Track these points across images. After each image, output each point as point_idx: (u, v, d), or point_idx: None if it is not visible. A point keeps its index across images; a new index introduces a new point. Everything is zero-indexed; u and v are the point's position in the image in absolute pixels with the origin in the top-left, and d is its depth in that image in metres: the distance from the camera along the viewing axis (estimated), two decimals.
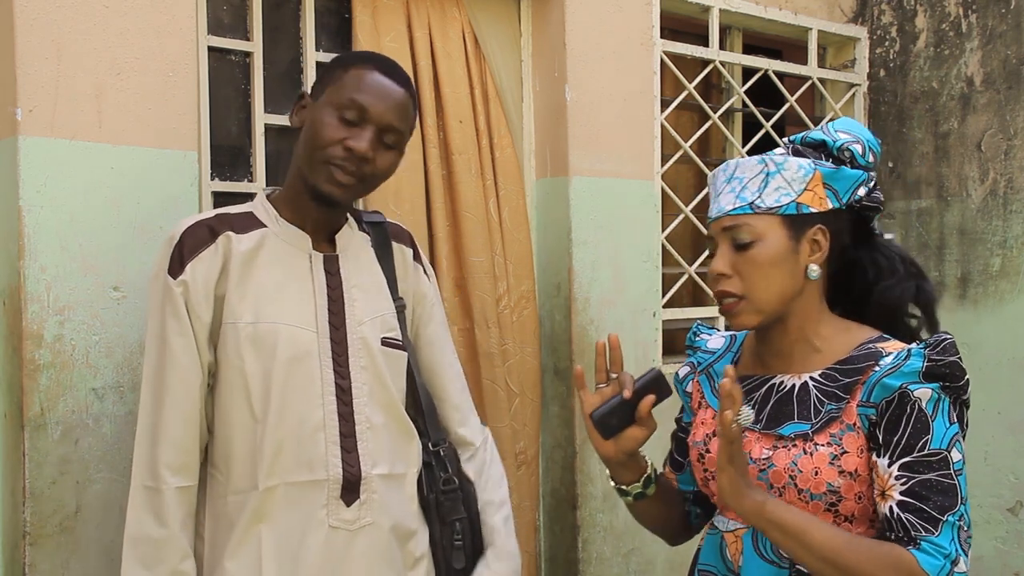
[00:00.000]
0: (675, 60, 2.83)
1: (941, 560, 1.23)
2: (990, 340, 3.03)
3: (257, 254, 1.57)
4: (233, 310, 1.54)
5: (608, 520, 2.61)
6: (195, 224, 1.56)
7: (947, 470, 1.27)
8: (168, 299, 1.52)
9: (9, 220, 1.76)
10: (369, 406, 1.61)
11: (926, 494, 1.26)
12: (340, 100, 1.54)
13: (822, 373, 1.38)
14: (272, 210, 1.62)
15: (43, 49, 1.75)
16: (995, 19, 3.03)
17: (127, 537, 1.52)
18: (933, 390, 1.28)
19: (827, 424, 1.34)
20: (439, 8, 2.43)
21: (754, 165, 1.41)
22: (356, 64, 1.59)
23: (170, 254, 1.54)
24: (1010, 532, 3.01)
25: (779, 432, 1.37)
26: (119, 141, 1.83)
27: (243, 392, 1.54)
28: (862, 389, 1.33)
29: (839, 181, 1.39)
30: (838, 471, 1.31)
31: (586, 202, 2.57)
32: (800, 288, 1.40)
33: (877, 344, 1.37)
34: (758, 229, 1.38)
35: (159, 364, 1.53)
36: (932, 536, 1.24)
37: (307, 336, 1.57)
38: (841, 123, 1.47)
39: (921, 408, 1.28)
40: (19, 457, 1.74)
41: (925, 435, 1.27)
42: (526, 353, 2.54)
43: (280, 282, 1.58)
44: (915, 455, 1.27)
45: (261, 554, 1.53)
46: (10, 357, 1.77)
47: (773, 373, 1.44)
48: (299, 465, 1.55)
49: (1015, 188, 2.98)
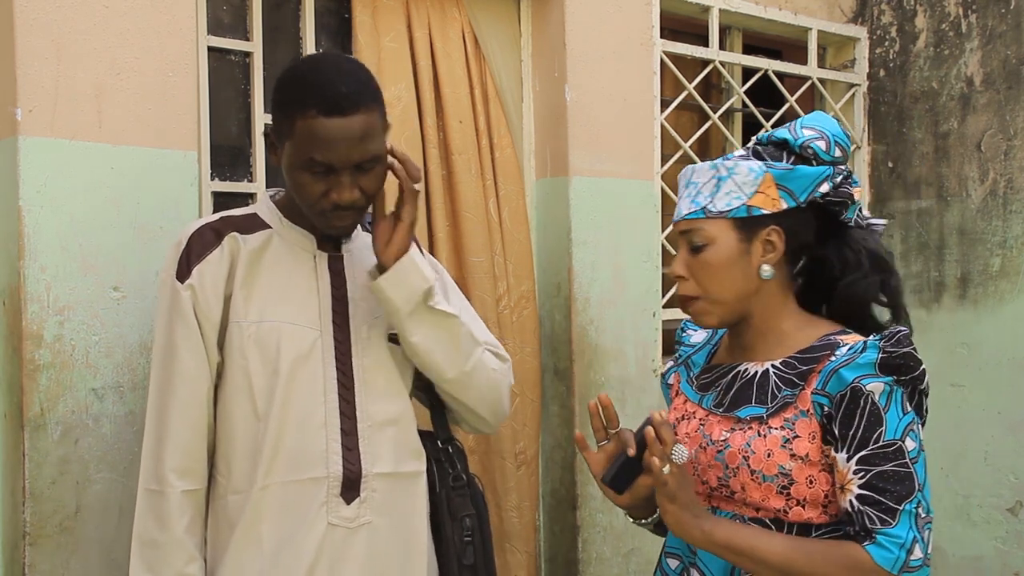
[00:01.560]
0: (675, 60, 2.83)
1: (895, 552, 1.27)
2: (990, 340, 3.03)
3: (263, 254, 1.58)
4: (238, 310, 1.55)
5: (608, 520, 2.61)
6: (201, 228, 1.57)
7: (903, 459, 1.31)
8: (175, 303, 1.53)
9: (9, 220, 1.76)
10: (374, 404, 1.61)
11: (883, 485, 1.30)
12: (302, 160, 1.49)
13: (783, 361, 1.43)
14: (276, 211, 1.62)
15: (43, 49, 1.75)
16: (995, 19, 3.03)
17: (134, 539, 1.53)
18: (886, 383, 1.32)
19: (782, 409, 1.39)
20: (439, 8, 2.43)
21: (707, 170, 1.46)
22: (299, 114, 1.48)
23: (177, 259, 1.55)
24: (1010, 532, 3.01)
25: (736, 415, 1.43)
26: (119, 141, 1.83)
27: (246, 391, 1.54)
28: (817, 377, 1.37)
29: (794, 181, 1.42)
30: (789, 454, 1.36)
31: (586, 202, 2.57)
32: (756, 287, 1.45)
33: (837, 336, 1.41)
34: (710, 233, 1.43)
35: (166, 369, 1.54)
36: (889, 528, 1.29)
37: (310, 335, 1.57)
38: (810, 118, 1.48)
39: (874, 402, 1.32)
40: (19, 457, 1.74)
41: (879, 427, 1.31)
42: (526, 353, 2.54)
43: (285, 282, 1.58)
44: (870, 448, 1.31)
45: (261, 552, 1.53)
46: (10, 357, 1.77)
47: (740, 362, 1.50)
48: (299, 463, 1.55)
49: (1015, 188, 2.98)
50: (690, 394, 1.55)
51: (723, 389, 1.48)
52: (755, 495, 1.40)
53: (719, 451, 1.42)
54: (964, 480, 3.10)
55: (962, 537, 3.11)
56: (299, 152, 1.49)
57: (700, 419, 1.50)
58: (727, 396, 1.47)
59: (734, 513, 1.43)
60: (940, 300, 3.15)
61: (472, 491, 1.76)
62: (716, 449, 1.43)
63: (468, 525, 1.73)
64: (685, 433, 1.51)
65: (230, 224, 1.59)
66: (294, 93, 1.51)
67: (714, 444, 1.44)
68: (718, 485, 1.45)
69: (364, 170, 1.51)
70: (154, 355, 1.57)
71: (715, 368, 1.53)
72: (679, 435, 1.51)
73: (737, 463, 1.40)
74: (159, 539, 1.51)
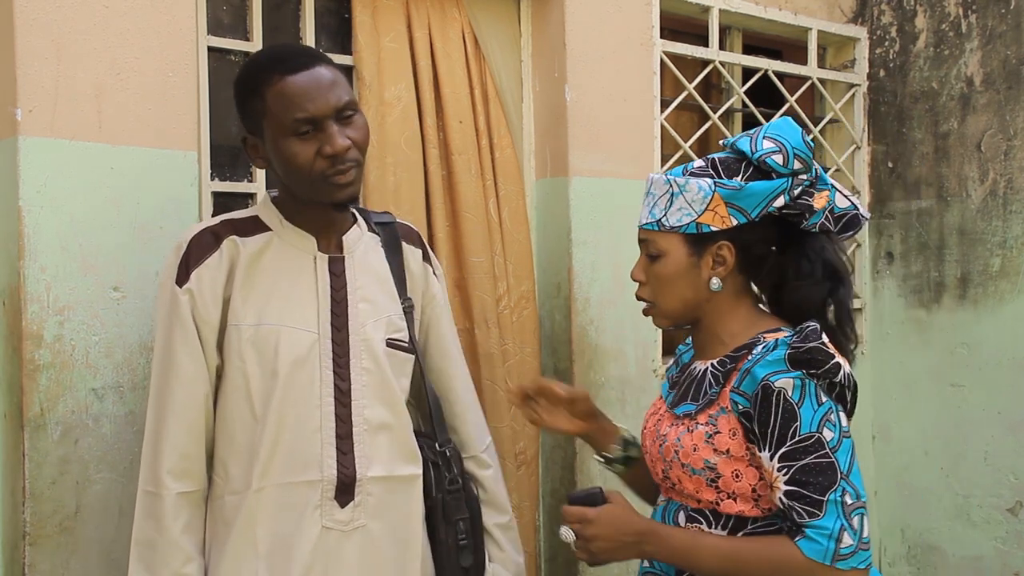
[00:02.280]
0: (675, 60, 2.83)
1: (824, 543, 1.31)
2: (990, 340, 3.03)
3: (262, 257, 1.58)
4: (236, 312, 1.55)
5: None
6: (200, 232, 1.58)
7: (822, 450, 1.34)
8: (174, 308, 1.54)
9: (9, 220, 1.76)
10: (370, 408, 1.61)
11: (806, 479, 1.34)
12: (286, 127, 1.50)
13: (719, 360, 1.49)
14: (277, 213, 1.62)
15: (43, 49, 1.75)
16: (995, 19, 3.03)
17: (133, 540, 1.54)
18: (795, 378, 1.35)
19: (707, 406, 1.46)
20: (439, 8, 2.43)
21: (663, 184, 1.51)
22: (266, 87, 1.51)
23: (177, 263, 1.55)
24: (1010, 532, 3.00)
25: (675, 412, 1.52)
26: (119, 141, 1.83)
27: (244, 393, 1.55)
28: (736, 375, 1.42)
29: (744, 199, 1.45)
30: (712, 449, 1.42)
31: (586, 202, 2.57)
32: (706, 297, 1.51)
33: (764, 334, 1.46)
34: (662, 245, 1.50)
35: (164, 372, 1.55)
36: (816, 519, 1.32)
37: (308, 338, 1.57)
38: (774, 127, 1.50)
39: (787, 397, 1.35)
40: (19, 457, 1.74)
41: (794, 422, 1.35)
42: (526, 353, 2.54)
43: (284, 284, 1.58)
44: (789, 444, 1.35)
45: (256, 553, 1.54)
46: (10, 357, 1.77)
47: (694, 361, 1.57)
48: (294, 465, 1.55)
49: (1015, 188, 2.98)
50: (664, 391, 1.63)
51: (680, 387, 1.56)
52: (688, 487, 1.47)
53: (660, 445, 1.51)
54: (964, 480, 3.10)
55: (962, 537, 3.11)
56: (280, 122, 1.51)
57: (660, 415, 1.58)
58: (677, 395, 1.55)
59: (680, 504, 1.51)
60: (940, 300, 3.15)
61: (467, 494, 1.76)
62: (659, 443, 1.52)
63: (463, 528, 1.74)
64: (649, 428, 1.60)
65: (229, 227, 1.59)
66: (252, 76, 1.56)
67: (659, 438, 1.52)
68: (663, 476, 1.53)
69: (347, 119, 1.54)
70: (154, 359, 1.58)
71: (684, 367, 1.61)
72: (647, 429, 1.60)
73: (671, 456, 1.48)
74: (156, 540, 1.51)
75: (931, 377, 3.17)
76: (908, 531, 3.26)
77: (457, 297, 2.44)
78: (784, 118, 1.53)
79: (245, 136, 1.60)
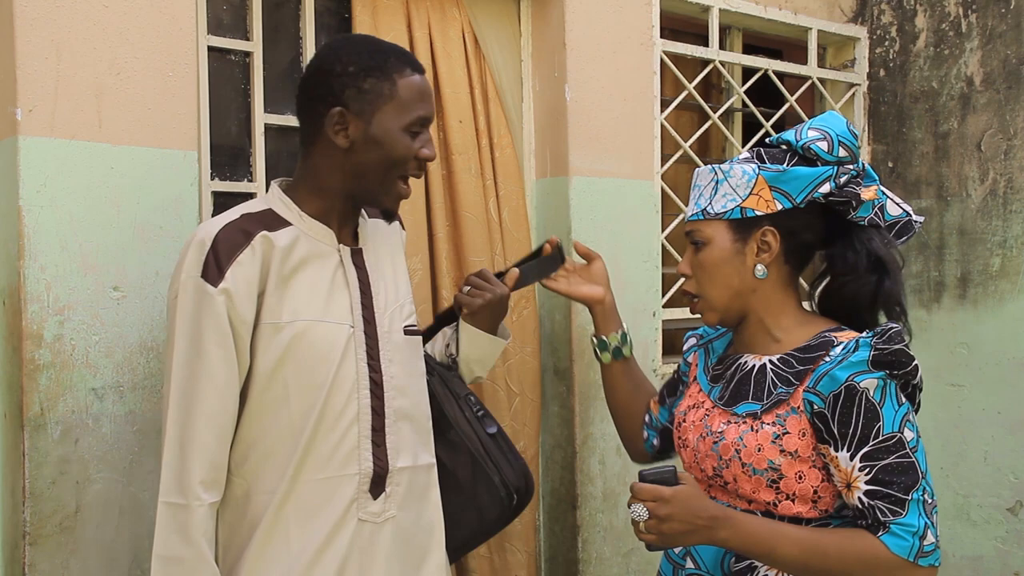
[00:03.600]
0: (675, 60, 2.83)
1: (910, 539, 1.32)
2: (990, 340, 3.03)
3: (292, 252, 1.56)
4: (272, 310, 1.52)
5: (608, 520, 2.61)
6: (226, 227, 1.52)
7: (904, 450, 1.35)
8: (208, 308, 1.47)
9: (9, 220, 1.76)
10: (398, 398, 1.62)
11: (889, 479, 1.34)
12: (406, 119, 1.55)
13: (780, 358, 1.47)
14: (294, 207, 1.60)
15: (43, 49, 1.75)
16: (995, 19, 3.03)
17: (155, 556, 1.47)
18: (879, 379, 1.35)
19: (775, 405, 1.43)
20: (439, 8, 2.43)
21: (707, 173, 1.51)
22: (397, 70, 1.56)
23: (203, 260, 1.48)
24: (1010, 532, 3.01)
25: (733, 410, 1.48)
26: (119, 141, 1.83)
27: (281, 391, 1.52)
28: (811, 376, 1.41)
29: (788, 182, 1.45)
30: (779, 450, 1.40)
31: (586, 202, 2.57)
32: (752, 286, 1.50)
33: (832, 334, 1.45)
34: (707, 233, 1.50)
35: (192, 376, 1.48)
36: (900, 517, 1.33)
37: (345, 332, 1.57)
38: (819, 119, 1.51)
39: (869, 398, 1.35)
40: (19, 457, 1.74)
41: (877, 422, 1.35)
42: (526, 353, 2.54)
43: (314, 279, 1.57)
44: (872, 444, 1.35)
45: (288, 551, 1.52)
46: (10, 357, 1.77)
47: (741, 354, 1.55)
48: (333, 460, 1.54)
49: (1015, 188, 2.98)
50: (703, 384, 1.60)
51: (727, 382, 1.53)
52: (746, 487, 1.44)
53: (715, 442, 1.48)
54: (964, 480, 3.11)
55: (962, 537, 3.11)
56: (405, 112, 1.55)
57: (706, 409, 1.54)
58: (728, 390, 1.52)
59: (728, 503, 1.47)
60: (940, 300, 3.15)
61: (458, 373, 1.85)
62: (712, 440, 1.48)
63: (474, 400, 1.81)
64: (692, 421, 1.56)
65: (255, 221, 1.55)
66: (383, 58, 1.57)
67: (712, 435, 1.49)
68: (713, 474, 1.49)
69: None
70: (176, 359, 1.49)
71: (725, 359, 1.58)
72: (687, 422, 1.56)
73: (729, 455, 1.44)
74: (184, 555, 1.46)
75: (931, 377, 3.17)
76: None
77: None
78: (829, 112, 1.53)
79: (332, 108, 1.54)
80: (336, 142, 1.55)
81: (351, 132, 1.55)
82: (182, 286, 1.50)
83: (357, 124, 1.55)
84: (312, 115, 1.58)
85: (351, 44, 1.61)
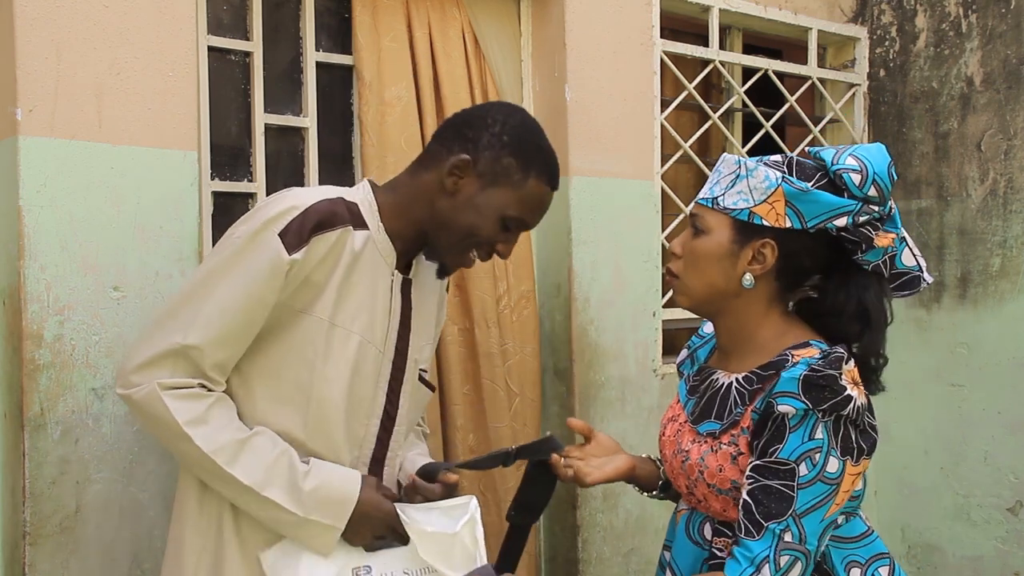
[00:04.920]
0: (675, 60, 2.83)
1: (743, 564, 1.29)
2: (990, 340, 3.03)
3: (359, 257, 1.53)
4: (326, 305, 1.49)
5: (608, 520, 2.61)
6: (324, 201, 1.47)
7: (790, 481, 1.30)
8: (269, 268, 1.42)
9: (9, 220, 1.76)
10: (403, 434, 1.63)
11: (761, 498, 1.31)
12: (512, 213, 1.54)
13: (744, 376, 1.43)
14: (377, 216, 1.57)
15: (43, 49, 1.75)
16: (995, 19, 3.03)
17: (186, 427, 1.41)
18: (800, 409, 1.30)
19: (731, 426, 1.41)
20: (439, 8, 2.43)
21: (733, 163, 1.45)
22: (534, 175, 1.55)
23: (288, 220, 1.43)
24: (1010, 532, 3.00)
25: (697, 429, 1.46)
26: (119, 141, 1.83)
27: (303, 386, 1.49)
28: (760, 396, 1.37)
29: (806, 204, 1.37)
30: (739, 470, 1.37)
31: (586, 202, 2.57)
32: (736, 291, 1.44)
33: (793, 351, 1.39)
34: (710, 223, 1.44)
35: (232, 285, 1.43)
36: (750, 540, 1.30)
37: (374, 354, 1.55)
38: (865, 149, 1.41)
39: (786, 420, 1.31)
40: (19, 457, 1.74)
41: (778, 443, 1.31)
42: (526, 353, 2.54)
43: (367, 293, 1.54)
44: (764, 459, 1.32)
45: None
46: (10, 357, 1.77)
47: (716, 368, 1.51)
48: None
49: (1015, 188, 2.98)
50: (682, 396, 1.57)
51: (699, 396, 1.51)
52: (715, 505, 1.43)
53: (683, 461, 1.47)
54: (964, 480, 3.11)
55: (962, 537, 3.11)
56: (513, 206, 1.54)
57: (680, 423, 1.53)
58: (699, 406, 1.49)
59: (705, 515, 1.48)
60: (940, 300, 3.15)
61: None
62: (681, 459, 1.48)
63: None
64: (669, 435, 1.54)
65: (347, 211, 1.51)
66: (534, 151, 1.57)
67: (681, 452, 1.48)
68: (687, 491, 1.49)
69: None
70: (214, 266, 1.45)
71: (703, 371, 1.55)
72: (666, 435, 1.55)
73: (695, 476, 1.44)
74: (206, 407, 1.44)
75: (931, 377, 3.17)
76: (908, 531, 3.26)
77: (457, 297, 2.44)
78: (878, 144, 1.45)
79: (463, 155, 1.53)
80: (444, 183, 1.54)
81: (462, 185, 1.53)
82: (252, 232, 1.44)
83: (472, 183, 1.53)
84: (445, 147, 1.56)
85: (523, 121, 1.60)
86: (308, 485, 1.46)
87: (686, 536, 1.50)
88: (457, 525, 1.55)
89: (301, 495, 1.45)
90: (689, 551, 1.49)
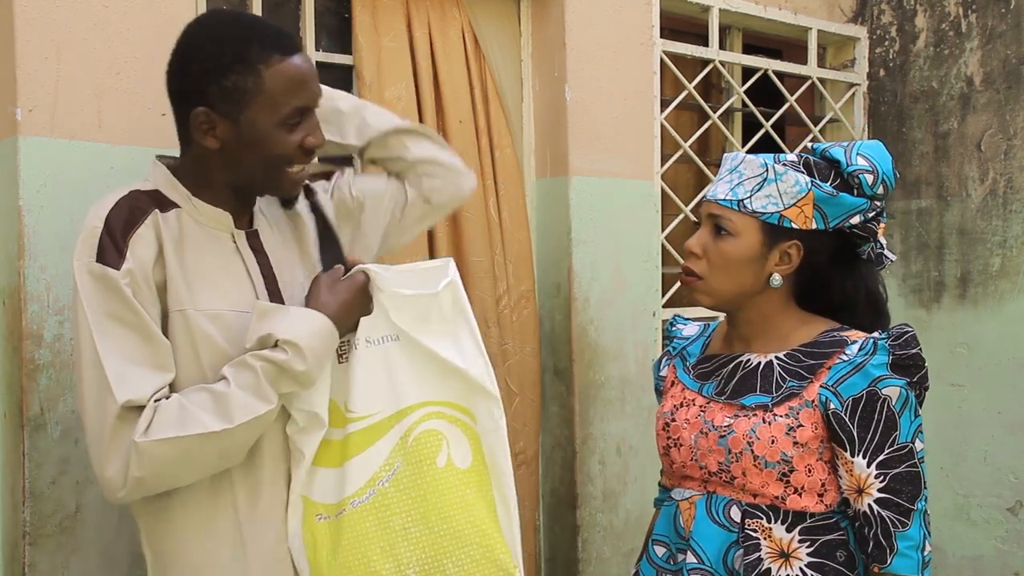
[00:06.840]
0: (675, 60, 2.83)
1: (915, 555, 1.38)
2: (990, 340, 3.03)
3: (183, 235, 1.44)
4: (180, 296, 1.41)
5: (608, 520, 2.61)
6: (117, 205, 1.39)
7: (913, 460, 1.40)
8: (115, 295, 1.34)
9: (9, 220, 1.76)
10: None
11: (899, 487, 1.39)
12: (279, 113, 1.41)
13: (787, 354, 1.49)
14: (182, 188, 1.47)
15: (43, 49, 1.75)
16: (995, 19, 3.03)
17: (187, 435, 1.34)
18: (901, 387, 1.39)
19: (787, 399, 1.45)
20: (439, 8, 2.43)
21: (757, 166, 1.49)
22: (263, 60, 1.39)
23: (96, 243, 1.35)
24: (1010, 532, 3.01)
25: (741, 402, 1.48)
26: (119, 141, 1.83)
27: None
28: (827, 373, 1.43)
29: (832, 207, 1.47)
30: (793, 442, 1.42)
31: (586, 202, 2.57)
32: (760, 289, 1.51)
33: (840, 332, 1.48)
34: (737, 225, 1.48)
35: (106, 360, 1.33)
36: (906, 530, 1.38)
37: (248, 320, 1.45)
38: (868, 147, 1.51)
39: (890, 406, 1.39)
40: (19, 457, 1.74)
41: (894, 431, 1.39)
42: (526, 353, 2.54)
43: (211, 266, 1.46)
44: (887, 452, 1.39)
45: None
46: (10, 357, 1.77)
47: (740, 352, 1.56)
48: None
49: (1015, 188, 2.98)
50: (688, 382, 1.60)
51: (724, 378, 1.54)
52: (755, 481, 1.45)
53: (722, 436, 1.47)
54: (964, 480, 3.11)
55: (962, 537, 3.11)
56: (278, 106, 1.40)
57: (700, 406, 1.54)
58: (729, 384, 1.52)
59: (730, 498, 1.48)
60: (940, 300, 3.15)
61: None
62: (719, 435, 1.48)
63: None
64: (685, 419, 1.55)
65: (145, 199, 1.43)
66: (244, 48, 1.39)
67: (716, 430, 1.49)
68: (718, 470, 1.49)
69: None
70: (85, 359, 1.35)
71: (713, 358, 1.59)
72: (677, 421, 1.56)
73: (740, 448, 1.45)
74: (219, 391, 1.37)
75: (931, 377, 3.13)
76: None
77: None
78: (876, 142, 1.55)
79: (194, 108, 1.41)
80: (207, 143, 1.43)
81: (219, 133, 1.42)
82: (79, 278, 1.36)
83: (225, 125, 1.41)
84: (178, 111, 1.46)
85: (212, 30, 1.45)
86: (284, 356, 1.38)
87: (709, 520, 1.49)
88: (438, 286, 1.49)
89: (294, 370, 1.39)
90: (715, 534, 1.48)
